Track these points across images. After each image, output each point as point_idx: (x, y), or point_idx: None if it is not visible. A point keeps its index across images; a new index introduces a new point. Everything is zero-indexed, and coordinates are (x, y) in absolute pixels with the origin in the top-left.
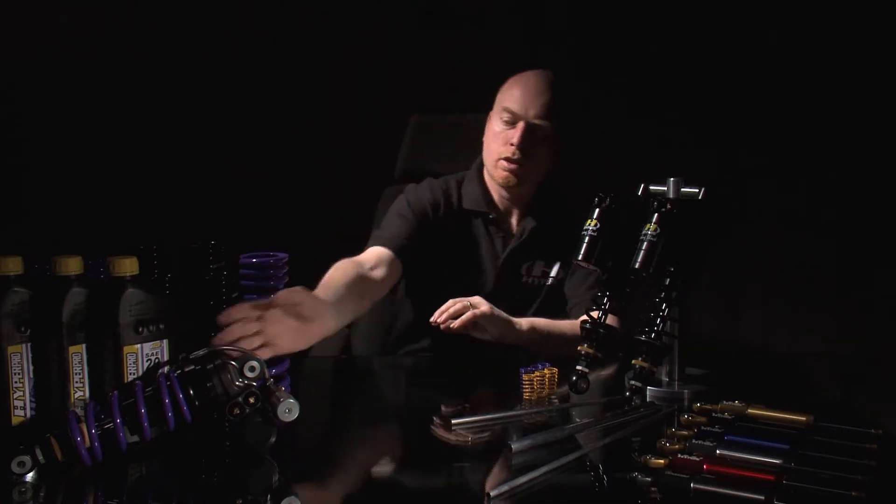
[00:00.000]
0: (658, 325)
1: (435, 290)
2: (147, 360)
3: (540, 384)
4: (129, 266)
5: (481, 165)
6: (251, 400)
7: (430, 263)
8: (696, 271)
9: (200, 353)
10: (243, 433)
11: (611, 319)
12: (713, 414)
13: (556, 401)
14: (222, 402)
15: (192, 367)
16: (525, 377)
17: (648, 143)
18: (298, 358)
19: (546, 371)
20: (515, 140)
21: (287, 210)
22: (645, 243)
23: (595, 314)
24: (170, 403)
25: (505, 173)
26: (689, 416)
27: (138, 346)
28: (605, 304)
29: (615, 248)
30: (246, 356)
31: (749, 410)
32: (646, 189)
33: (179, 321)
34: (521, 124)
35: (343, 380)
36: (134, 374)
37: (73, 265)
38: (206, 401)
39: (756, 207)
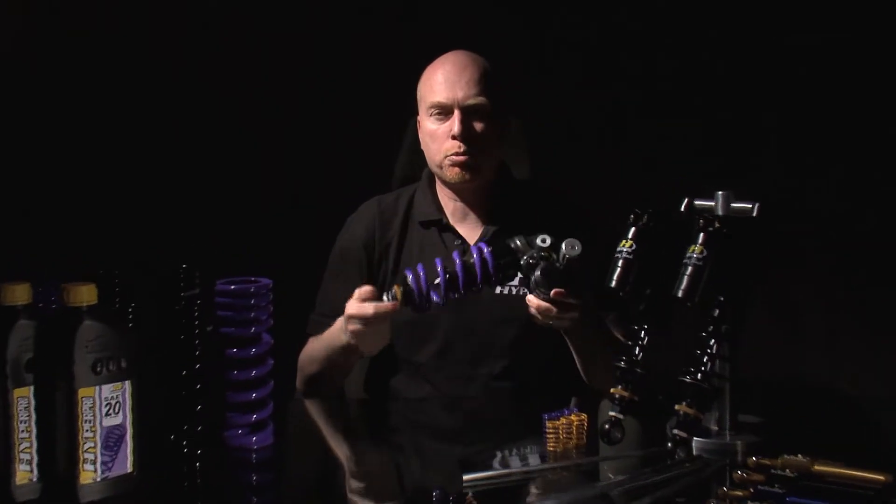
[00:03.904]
0: (705, 365)
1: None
2: (106, 405)
3: (567, 433)
4: (85, 294)
5: (431, 174)
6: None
7: (383, 283)
8: (750, 301)
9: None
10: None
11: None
12: (772, 471)
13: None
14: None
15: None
16: (549, 424)
17: (693, 149)
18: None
19: (574, 417)
20: (456, 130)
21: (271, 230)
22: (689, 268)
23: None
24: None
25: (456, 169)
26: (743, 474)
27: (96, 388)
28: (642, 340)
29: (654, 273)
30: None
31: (815, 467)
32: (689, 204)
33: (144, 359)
34: (455, 112)
35: (336, 415)
36: (90, 420)
37: (19, 293)
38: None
39: (819, 225)
